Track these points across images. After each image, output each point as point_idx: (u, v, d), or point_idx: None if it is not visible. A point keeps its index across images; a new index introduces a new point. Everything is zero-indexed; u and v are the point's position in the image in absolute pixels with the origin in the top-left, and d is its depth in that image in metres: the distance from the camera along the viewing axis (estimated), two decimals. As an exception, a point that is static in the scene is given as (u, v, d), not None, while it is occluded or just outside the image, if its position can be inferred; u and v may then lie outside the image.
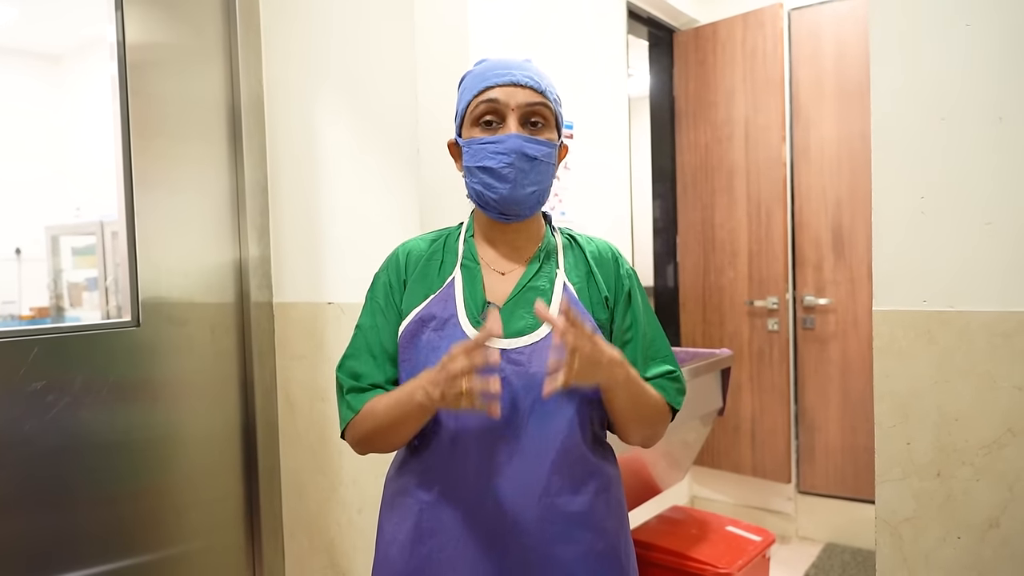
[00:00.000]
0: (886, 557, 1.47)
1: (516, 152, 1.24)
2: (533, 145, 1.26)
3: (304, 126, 2.27)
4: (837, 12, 3.60)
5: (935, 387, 1.41)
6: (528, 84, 1.27)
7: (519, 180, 1.25)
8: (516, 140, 1.25)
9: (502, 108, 1.27)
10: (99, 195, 3.97)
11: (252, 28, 2.35)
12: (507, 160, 1.25)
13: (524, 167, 1.25)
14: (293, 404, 2.35)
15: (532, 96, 1.27)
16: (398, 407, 1.24)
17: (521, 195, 1.26)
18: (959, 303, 1.39)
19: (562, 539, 1.25)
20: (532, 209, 1.31)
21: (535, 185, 1.27)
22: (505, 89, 1.27)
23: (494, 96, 1.27)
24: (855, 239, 3.60)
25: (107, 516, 2.06)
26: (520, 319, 1.28)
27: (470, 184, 1.32)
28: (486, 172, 1.26)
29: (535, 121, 1.28)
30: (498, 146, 1.25)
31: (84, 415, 2.00)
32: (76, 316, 4.15)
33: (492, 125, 1.28)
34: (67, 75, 4.19)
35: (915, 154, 1.43)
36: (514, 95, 1.26)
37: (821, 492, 3.77)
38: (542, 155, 1.27)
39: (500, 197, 1.26)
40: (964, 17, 1.36)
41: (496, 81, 1.27)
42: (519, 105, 1.26)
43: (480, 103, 1.28)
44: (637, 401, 1.28)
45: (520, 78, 1.27)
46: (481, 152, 1.27)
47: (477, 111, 1.29)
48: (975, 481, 1.38)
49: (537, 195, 1.29)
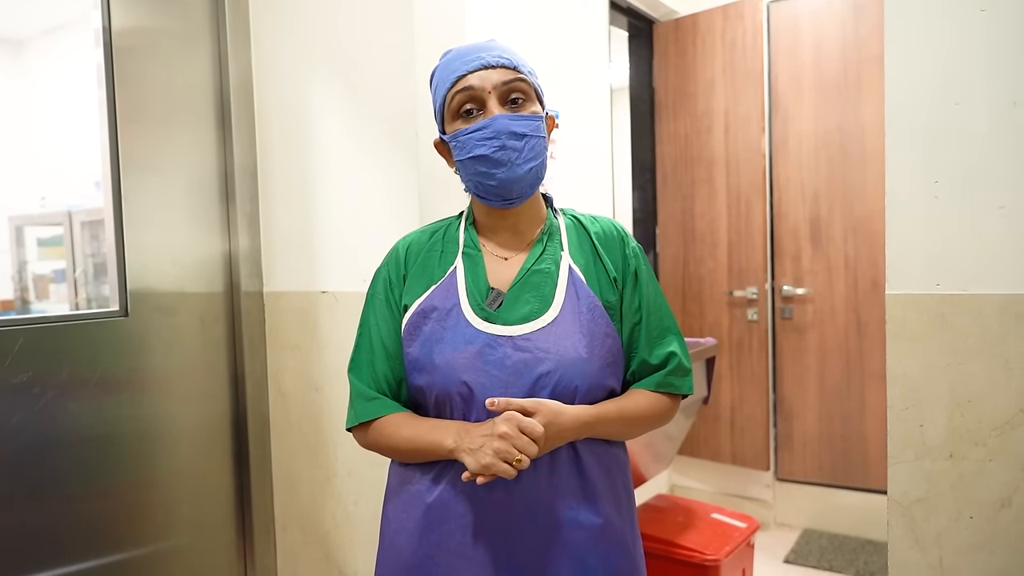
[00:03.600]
0: (898, 538, 1.49)
1: (504, 133, 1.22)
2: (520, 122, 1.23)
3: (296, 110, 2.23)
4: (814, 6, 3.64)
5: (948, 369, 1.43)
6: (499, 63, 1.25)
7: (514, 161, 1.23)
8: (502, 120, 1.22)
9: (479, 93, 1.24)
10: (66, 184, 3.85)
11: (240, 10, 2.29)
12: (497, 143, 1.22)
13: (516, 145, 1.23)
14: (285, 395, 2.31)
15: (507, 74, 1.25)
16: (422, 444, 1.24)
17: (519, 174, 1.24)
18: (972, 286, 1.41)
19: (572, 525, 1.24)
20: (533, 186, 1.28)
21: (531, 162, 1.25)
22: (478, 74, 1.24)
23: (469, 84, 1.24)
24: (832, 230, 3.65)
25: (94, 511, 2.01)
26: (526, 304, 1.26)
27: (466, 177, 1.29)
28: (479, 161, 1.24)
29: (515, 98, 1.26)
30: (485, 131, 1.23)
31: (71, 407, 1.95)
32: (42, 309, 4.02)
33: (473, 113, 1.25)
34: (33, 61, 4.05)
35: (929, 139, 1.44)
36: (488, 77, 1.24)
37: (799, 479, 3.82)
38: (531, 130, 1.24)
39: (499, 182, 1.24)
40: (979, 2, 1.38)
41: (467, 68, 1.25)
42: (496, 85, 1.24)
43: (456, 94, 1.26)
44: (627, 426, 1.31)
45: (490, 59, 1.25)
46: (469, 142, 1.24)
47: (455, 103, 1.26)
48: (988, 461, 1.40)
49: (535, 171, 1.26)
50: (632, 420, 1.30)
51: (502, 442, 1.12)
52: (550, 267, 1.29)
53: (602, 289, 1.30)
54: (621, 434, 1.32)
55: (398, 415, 1.29)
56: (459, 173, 1.31)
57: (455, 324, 1.25)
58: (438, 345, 1.25)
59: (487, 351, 1.22)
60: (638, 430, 1.34)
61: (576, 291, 1.27)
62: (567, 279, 1.28)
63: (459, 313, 1.25)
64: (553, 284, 1.27)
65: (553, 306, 1.25)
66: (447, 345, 1.24)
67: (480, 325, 1.24)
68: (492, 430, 1.14)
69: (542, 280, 1.28)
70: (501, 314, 1.25)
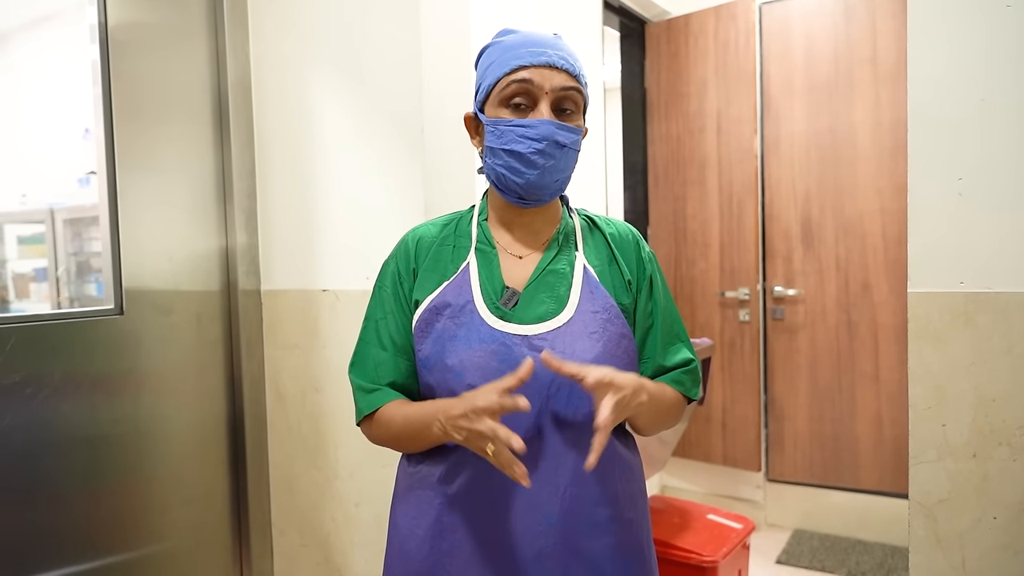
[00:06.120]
0: (920, 539, 1.47)
1: (548, 139, 1.18)
2: (565, 133, 1.20)
3: (296, 105, 2.18)
4: (806, 8, 3.64)
5: (972, 368, 1.42)
6: (564, 67, 1.20)
7: (546, 168, 1.19)
8: (549, 127, 1.18)
9: (535, 91, 1.19)
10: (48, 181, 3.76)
11: (239, 3, 2.24)
12: (538, 147, 1.18)
13: (554, 154, 1.19)
14: (283, 395, 2.26)
15: (567, 80, 1.20)
16: (415, 428, 1.21)
17: (546, 182, 1.21)
18: (997, 284, 1.40)
19: (588, 532, 1.21)
20: (553, 195, 1.26)
21: (560, 172, 1.22)
22: (540, 71, 1.19)
23: (527, 77, 1.19)
24: (823, 231, 3.66)
25: (87, 513, 1.96)
26: (541, 304, 1.23)
27: (492, 165, 1.25)
28: (513, 156, 1.20)
29: (566, 107, 1.22)
30: (529, 131, 1.19)
31: (64, 408, 1.90)
32: (21, 308, 3.92)
33: (522, 107, 1.21)
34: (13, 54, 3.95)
35: (953, 136, 1.43)
36: (550, 78, 1.19)
37: (789, 480, 3.82)
38: (571, 143, 1.21)
39: (526, 182, 1.21)
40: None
41: (530, 60, 1.20)
42: (554, 89, 1.19)
43: (512, 83, 1.20)
44: (658, 414, 1.29)
45: (555, 59, 1.20)
46: (509, 134, 1.20)
47: (507, 91, 1.21)
48: (1012, 461, 1.39)
49: (560, 183, 1.24)
50: (664, 406, 1.28)
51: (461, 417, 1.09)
52: (565, 268, 1.27)
53: (616, 291, 1.27)
54: (654, 419, 1.29)
55: (394, 402, 1.26)
56: (483, 156, 1.27)
57: (469, 322, 1.21)
58: (451, 343, 1.21)
59: (502, 350, 1.19)
60: (664, 419, 1.32)
61: (592, 292, 1.25)
62: (582, 279, 1.25)
63: (473, 310, 1.22)
64: (568, 284, 1.25)
65: (568, 306, 1.23)
66: (461, 343, 1.21)
67: (495, 324, 1.21)
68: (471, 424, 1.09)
69: (557, 280, 1.25)
70: (516, 313, 1.22)
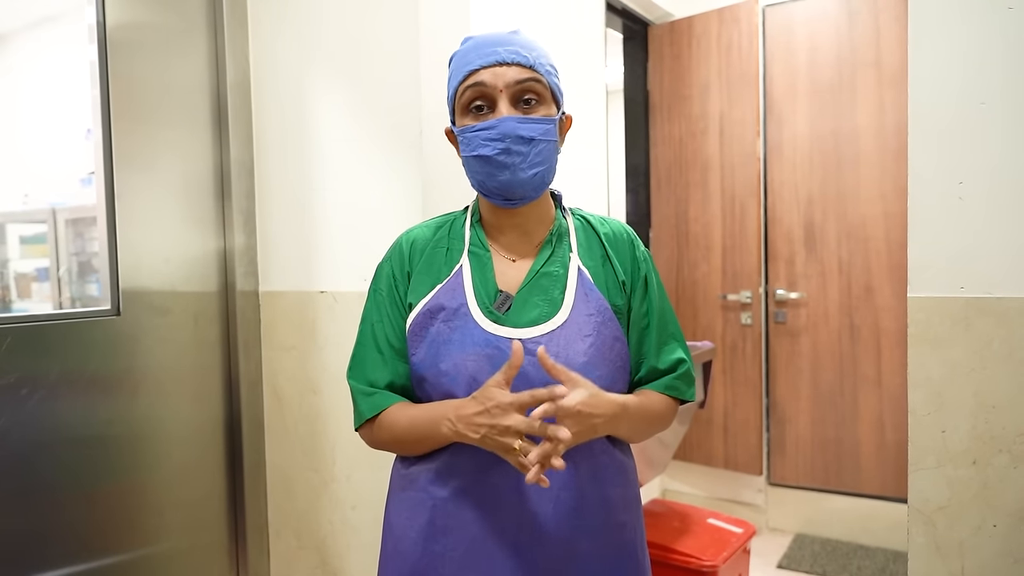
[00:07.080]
0: (919, 547, 1.46)
1: (510, 136, 1.17)
2: (528, 125, 1.18)
3: (295, 106, 2.17)
4: (809, 11, 3.63)
5: (972, 374, 1.40)
6: (515, 60, 1.19)
7: (518, 165, 1.18)
8: (509, 123, 1.17)
9: (490, 91, 1.19)
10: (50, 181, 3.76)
11: (238, 3, 2.24)
12: (501, 146, 1.17)
13: (522, 150, 1.18)
14: (281, 397, 2.25)
15: (521, 72, 1.19)
16: (421, 430, 1.20)
17: (523, 179, 1.19)
18: (998, 289, 1.38)
19: (581, 534, 1.21)
20: (537, 191, 1.24)
21: (536, 167, 1.20)
22: (491, 70, 1.19)
23: (480, 79, 1.19)
24: (826, 234, 3.64)
25: (83, 514, 1.96)
26: (534, 307, 1.22)
27: (470, 173, 1.25)
28: (482, 161, 1.19)
29: (528, 99, 1.20)
30: (490, 132, 1.18)
31: (60, 408, 1.90)
32: (23, 308, 3.92)
33: (483, 110, 1.20)
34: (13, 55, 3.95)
35: (954, 139, 1.42)
36: (502, 75, 1.18)
37: (791, 484, 3.80)
38: (540, 134, 1.19)
39: (500, 184, 1.20)
40: (1006, 0, 1.36)
41: (481, 63, 1.19)
42: (508, 84, 1.19)
43: (467, 88, 1.20)
44: (646, 425, 1.29)
45: (505, 55, 1.19)
46: (474, 140, 1.19)
47: (465, 98, 1.21)
48: (1012, 469, 1.38)
49: (540, 176, 1.22)
50: (650, 417, 1.28)
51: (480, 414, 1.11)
52: (559, 270, 1.26)
53: (610, 292, 1.27)
54: (638, 432, 1.30)
55: (397, 405, 1.25)
56: (464, 167, 1.27)
57: (463, 325, 1.21)
58: (445, 347, 1.21)
59: (496, 354, 1.18)
60: (652, 430, 1.32)
61: (586, 294, 1.24)
62: (576, 281, 1.24)
63: (467, 314, 1.21)
64: (562, 287, 1.24)
65: (562, 309, 1.22)
66: (455, 347, 1.20)
67: (489, 328, 1.20)
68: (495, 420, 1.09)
69: (551, 283, 1.24)
70: (510, 317, 1.22)
